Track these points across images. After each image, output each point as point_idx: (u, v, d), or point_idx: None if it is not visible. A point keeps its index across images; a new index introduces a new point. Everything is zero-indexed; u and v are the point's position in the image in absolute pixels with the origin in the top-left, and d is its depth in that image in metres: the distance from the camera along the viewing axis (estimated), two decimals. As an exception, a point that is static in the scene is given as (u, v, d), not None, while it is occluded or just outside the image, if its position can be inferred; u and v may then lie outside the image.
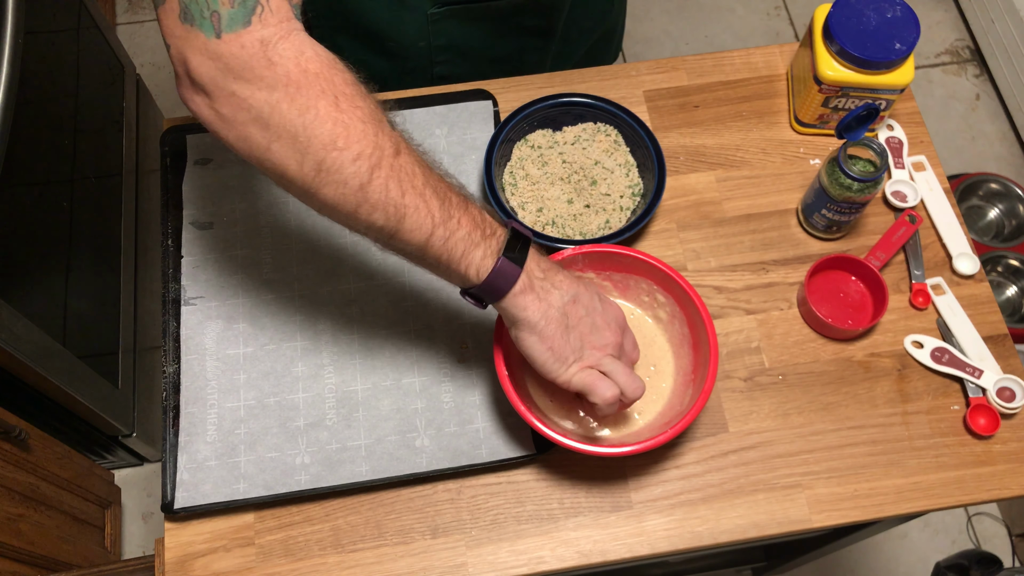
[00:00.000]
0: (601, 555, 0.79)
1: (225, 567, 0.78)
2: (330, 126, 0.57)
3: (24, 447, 1.26)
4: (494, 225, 0.66)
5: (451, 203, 0.63)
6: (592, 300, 0.70)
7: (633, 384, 0.71)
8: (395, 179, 0.60)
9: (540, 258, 0.68)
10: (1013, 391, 0.85)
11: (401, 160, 0.60)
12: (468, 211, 0.64)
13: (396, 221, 0.61)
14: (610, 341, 0.71)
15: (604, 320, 0.71)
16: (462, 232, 0.63)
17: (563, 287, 0.68)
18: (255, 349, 0.85)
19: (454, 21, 0.96)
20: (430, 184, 0.62)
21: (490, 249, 0.65)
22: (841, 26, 0.88)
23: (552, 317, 0.67)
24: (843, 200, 0.86)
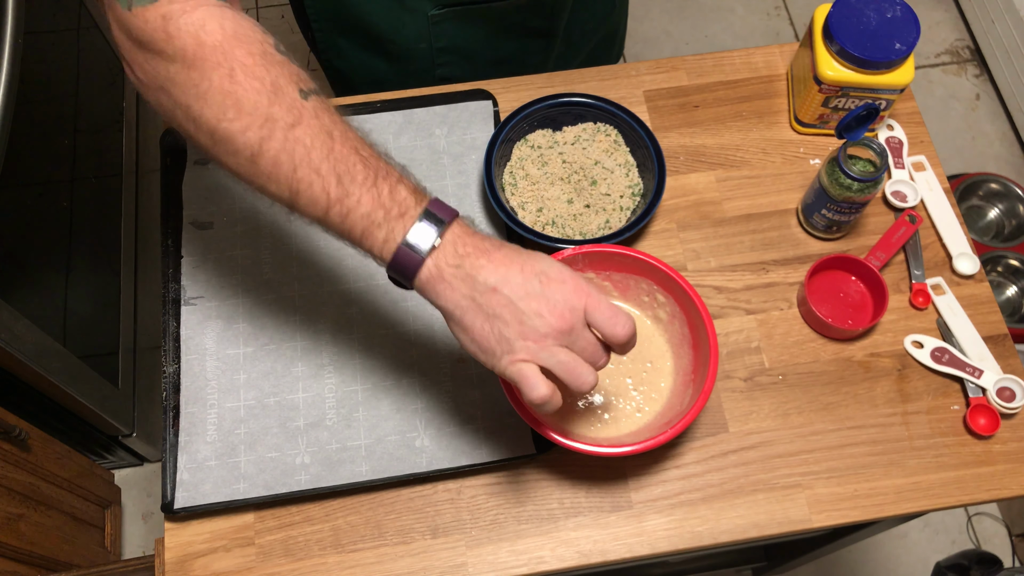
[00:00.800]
0: (601, 555, 0.79)
1: (225, 567, 0.78)
2: (220, 97, 0.58)
3: (24, 447, 1.26)
4: (405, 204, 0.61)
5: (353, 179, 0.60)
6: (526, 283, 0.62)
7: (579, 376, 0.63)
8: (287, 152, 0.59)
9: (465, 240, 0.62)
10: (1013, 391, 0.85)
11: (297, 132, 0.59)
12: (374, 188, 0.61)
13: (290, 194, 0.61)
14: (553, 328, 0.62)
15: (545, 305, 0.61)
16: (361, 210, 0.60)
17: (482, 274, 0.61)
18: (255, 349, 0.85)
19: (455, 23, 0.96)
20: (331, 158, 0.60)
21: (393, 232, 0.61)
22: (841, 26, 0.88)
23: (466, 307, 0.62)
24: (843, 200, 0.86)
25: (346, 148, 0.61)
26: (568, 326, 0.62)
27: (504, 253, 0.63)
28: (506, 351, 0.62)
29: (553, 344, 0.62)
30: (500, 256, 0.62)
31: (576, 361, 0.63)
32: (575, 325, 0.63)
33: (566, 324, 0.62)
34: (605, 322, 0.63)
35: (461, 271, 0.61)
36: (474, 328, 0.62)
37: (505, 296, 0.61)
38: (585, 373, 0.63)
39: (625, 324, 0.63)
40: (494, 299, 0.61)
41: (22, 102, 1.14)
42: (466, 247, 0.62)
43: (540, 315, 0.62)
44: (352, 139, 0.62)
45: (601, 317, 0.63)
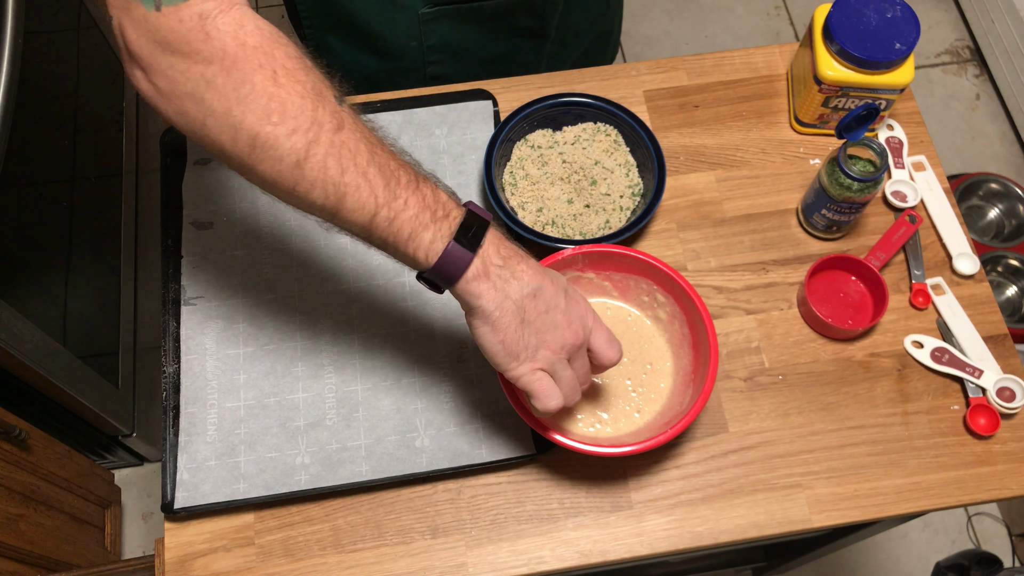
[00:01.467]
0: (601, 555, 0.79)
1: (225, 567, 0.78)
2: (264, 100, 0.55)
3: (24, 447, 1.26)
4: (448, 206, 0.62)
5: (399, 182, 0.60)
6: (556, 296, 0.65)
7: (574, 392, 0.67)
8: (335, 156, 0.58)
9: (503, 244, 0.64)
10: (1013, 391, 0.85)
11: (343, 136, 0.58)
12: (418, 191, 0.61)
13: (336, 200, 0.59)
14: (568, 343, 0.66)
15: (566, 319, 0.65)
16: (409, 213, 0.60)
17: (524, 278, 0.63)
18: (255, 349, 0.85)
19: (446, 21, 0.96)
20: (375, 162, 0.59)
21: (440, 232, 0.61)
22: (841, 26, 0.88)
23: (507, 308, 0.63)
24: (843, 200, 0.86)
25: (386, 152, 0.61)
26: (580, 343, 0.66)
27: (534, 263, 0.66)
28: (528, 357, 0.65)
29: (564, 358, 0.66)
30: (533, 264, 0.65)
31: (574, 380, 0.67)
32: (583, 344, 0.67)
33: (579, 341, 0.66)
34: (605, 344, 0.68)
35: (505, 271, 0.63)
36: (508, 330, 0.63)
37: (541, 304, 0.64)
38: (578, 391, 0.68)
39: (619, 350, 0.69)
40: (532, 304, 0.64)
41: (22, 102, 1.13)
42: (507, 250, 0.64)
43: (561, 327, 0.65)
44: (387, 144, 0.62)
45: (603, 339, 0.68)
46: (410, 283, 0.88)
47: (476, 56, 1.02)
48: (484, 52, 1.02)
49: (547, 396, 0.65)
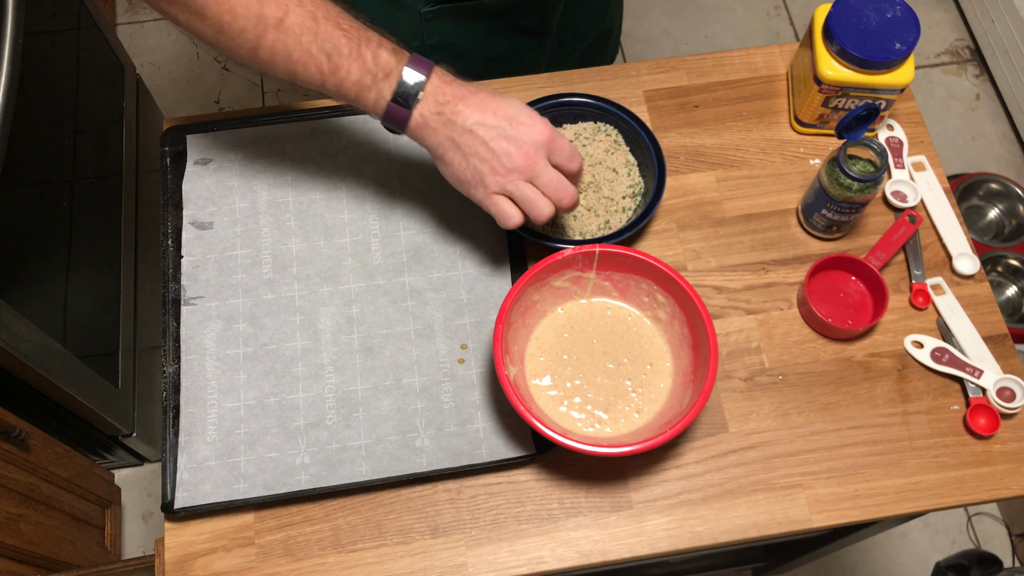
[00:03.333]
0: (601, 555, 0.79)
1: (225, 567, 0.78)
2: (216, 8, 0.69)
3: (24, 447, 1.26)
4: (388, 66, 0.72)
5: (340, 54, 0.71)
6: (498, 126, 0.73)
7: (537, 208, 0.75)
8: (280, 43, 0.70)
9: (444, 89, 0.73)
10: (1013, 391, 0.85)
11: (287, 23, 0.70)
12: (360, 57, 0.71)
13: (289, 75, 0.72)
14: (517, 164, 0.74)
15: (512, 144, 0.73)
16: (352, 79, 0.72)
17: (460, 118, 0.73)
18: (255, 349, 0.85)
19: (447, 20, 0.96)
20: (318, 40, 0.71)
21: (381, 94, 0.72)
22: (841, 26, 0.88)
23: (447, 147, 0.74)
24: (843, 200, 0.86)
25: (329, 26, 0.71)
26: (532, 162, 0.74)
27: (479, 98, 0.74)
28: (479, 183, 0.75)
29: (519, 179, 0.75)
30: (476, 101, 0.74)
31: (536, 195, 0.75)
32: (538, 162, 0.75)
33: (530, 161, 0.74)
34: (564, 159, 0.76)
35: (442, 117, 0.73)
36: (453, 163, 0.75)
37: (479, 136, 0.73)
38: (543, 205, 0.76)
39: (579, 159, 0.78)
40: (470, 139, 0.73)
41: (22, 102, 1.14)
42: (445, 95, 0.73)
43: (508, 153, 0.74)
44: (334, 16, 0.72)
45: (562, 155, 0.76)
46: (410, 283, 0.88)
47: (477, 55, 1.02)
48: (485, 51, 1.02)
49: (504, 215, 0.76)
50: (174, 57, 2.18)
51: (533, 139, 0.74)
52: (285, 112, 0.96)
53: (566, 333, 0.84)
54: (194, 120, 0.96)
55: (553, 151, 0.76)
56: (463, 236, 0.90)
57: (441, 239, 0.90)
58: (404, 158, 0.94)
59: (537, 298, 0.83)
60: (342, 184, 0.93)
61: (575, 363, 0.83)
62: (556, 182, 0.76)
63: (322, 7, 0.72)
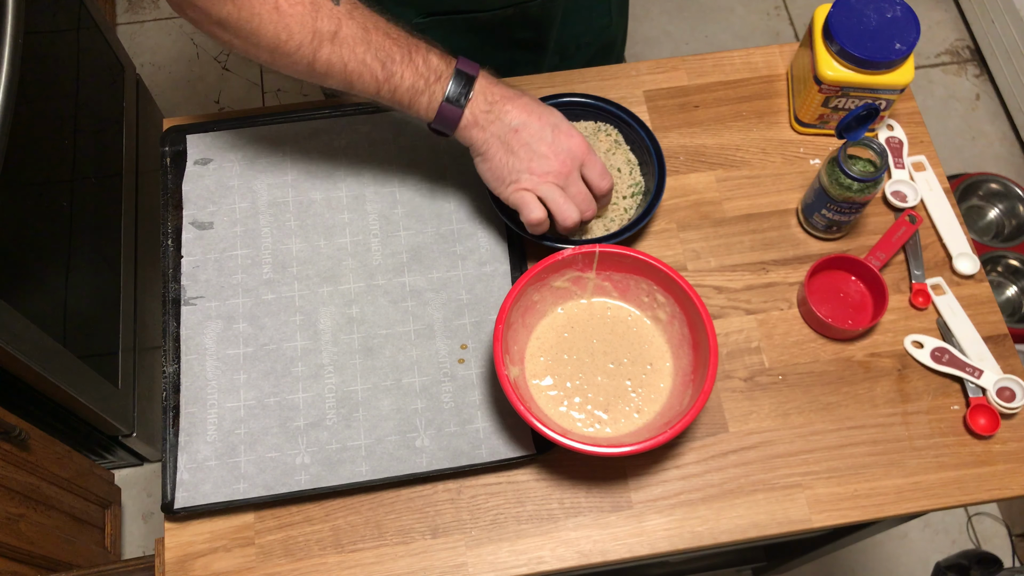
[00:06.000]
0: (601, 555, 0.79)
1: (225, 567, 0.78)
2: (272, 28, 0.71)
3: (24, 447, 1.26)
4: (439, 69, 0.75)
5: (394, 61, 0.74)
6: (541, 130, 0.77)
7: (565, 212, 0.79)
8: (336, 54, 0.73)
9: (491, 89, 0.77)
10: (1013, 391, 0.85)
11: (342, 36, 0.72)
12: (411, 63, 0.75)
13: (346, 84, 0.75)
14: (553, 169, 0.78)
15: (552, 150, 0.78)
16: (406, 84, 0.75)
17: (508, 117, 0.77)
18: (255, 349, 0.85)
19: (439, 31, 0.95)
20: (372, 49, 0.73)
21: (433, 95, 0.75)
22: (841, 26, 0.88)
23: (492, 144, 0.77)
24: (843, 200, 0.86)
25: (380, 35, 0.74)
26: (567, 170, 0.79)
27: (524, 101, 0.78)
28: (513, 180, 0.78)
29: (552, 182, 0.79)
30: (522, 103, 0.78)
31: (566, 200, 0.79)
32: (572, 172, 0.79)
33: (565, 168, 0.79)
34: (596, 176, 0.81)
35: (491, 115, 0.77)
36: (495, 159, 0.78)
37: (524, 137, 0.77)
38: (570, 211, 0.79)
39: (610, 180, 0.82)
40: (515, 138, 0.77)
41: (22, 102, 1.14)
42: (494, 95, 0.77)
43: (546, 157, 0.78)
44: (383, 26, 0.75)
45: (594, 172, 0.81)
46: (410, 283, 0.88)
47: None
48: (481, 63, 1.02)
49: (528, 208, 0.79)
50: (174, 57, 2.18)
51: (571, 149, 0.79)
52: (285, 112, 0.96)
53: (566, 333, 0.84)
54: (194, 120, 0.96)
55: (587, 165, 0.80)
56: (463, 236, 0.90)
57: (441, 239, 0.90)
58: (404, 158, 0.94)
59: (537, 298, 0.83)
60: (342, 184, 0.93)
61: (575, 363, 0.83)
62: (584, 195, 0.80)
63: (371, 18, 0.74)
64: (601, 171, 0.81)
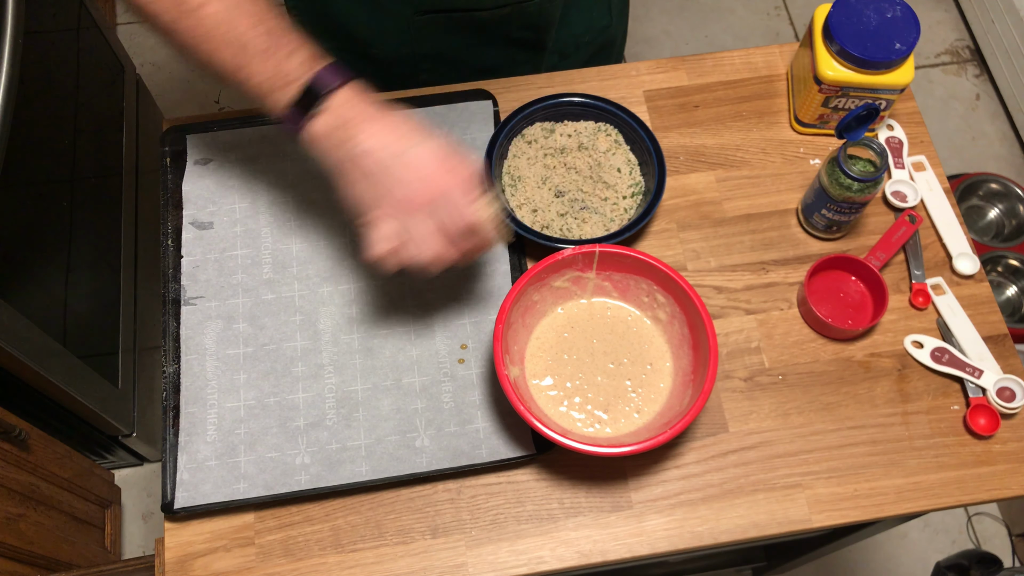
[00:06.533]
0: (601, 555, 0.79)
1: (225, 567, 0.78)
2: None
3: (24, 447, 1.26)
4: (295, 74, 0.69)
5: (249, 52, 0.68)
6: (399, 155, 0.68)
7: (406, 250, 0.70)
8: (193, 30, 0.68)
9: (350, 107, 0.69)
10: (1013, 391, 0.85)
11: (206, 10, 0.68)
12: (266, 62, 0.69)
13: (201, 64, 0.70)
14: (403, 204, 0.69)
15: (405, 178, 0.68)
16: (255, 80, 0.69)
17: (360, 138, 0.69)
18: (255, 349, 0.85)
19: (437, 29, 0.95)
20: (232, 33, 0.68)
21: (279, 101, 0.70)
22: (841, 26, 0.88)
23: (344, 167, 0.70)
24: (843, 200, 0.86)
25: (247, 21, 0.68)
26: (423, 202, 0.69)
27: (386, 123, 0.69)
28: (363, 211, 0.71)
29: (408, 214, 0.69)
30: (381, 125, 0.69)
31: (424, 235, 0.70)
32: (432, 203, 0.69)
33: (421, 201, 0.69)
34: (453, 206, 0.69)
35: (340, 134, 0.69)
36: (348, 184, 0.71)
37: (374, 162, 0.69)
38: (425, 248, 0.70)
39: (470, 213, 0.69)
40: (365, 162, 0.69)
41: (22, 102, 1.14)
42: (350, 112, 0.69)
43: (400, 187, 0.69)
44: (258, 12, 0.69)
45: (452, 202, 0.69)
46: (410, 283, 0.88)
47: (470, 65, 1.01)
48: (479, 62, 1.01)
49: (369, 242, 0.71)
50: (174, 57, 2.18)
51: (425, 182, 0.69)
52: (285, 112, 0.96)
53: (566, 333, 0.84)
54: (194, 120, 0.96)
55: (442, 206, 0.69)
56: (463, 236, 0.90)
57: (441, 239, 0.90)
58: (404, 158, 0.94)
59: (537, 298, 0.83)
60: (342, 184, 0.93)
61: (575, 363, 0.83)
62: (443, 231, 0.70)
63: (251, 6, 0.69)
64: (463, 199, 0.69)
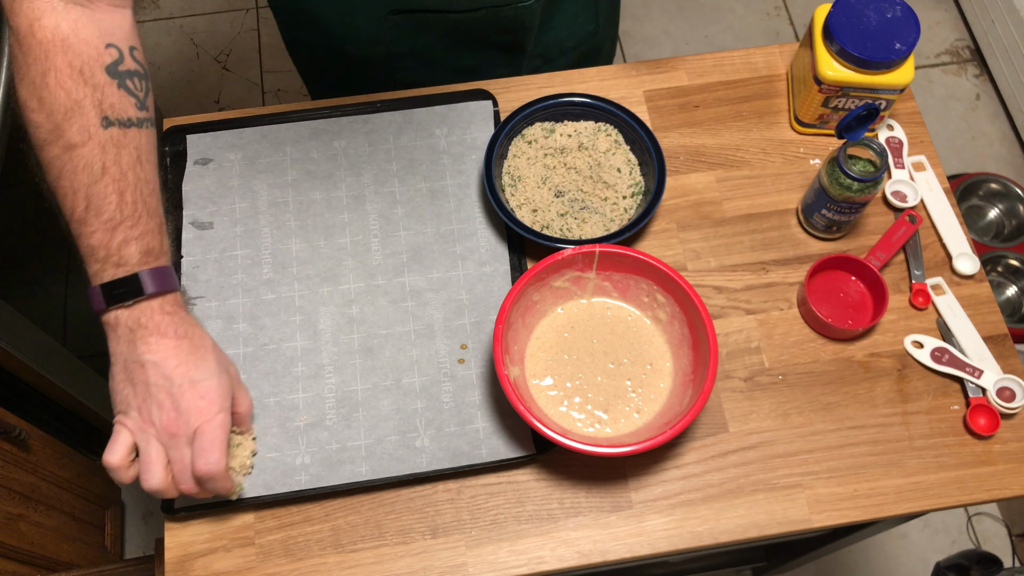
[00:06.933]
0: (601, 555, 0.79)
1: (225, 567, 0.78)
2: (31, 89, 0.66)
3: (24, 447, 1.26)
4: (125, 260, 0.68)
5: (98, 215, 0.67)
6: (168, 381, 0.68)
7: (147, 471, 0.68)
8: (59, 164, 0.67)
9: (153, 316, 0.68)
10: (1013, 391, 0.85)
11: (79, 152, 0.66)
12: (112, 232, 0.67)
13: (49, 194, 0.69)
14: (160, 424, 0.68)
15: (167, 406, 0.68)
16: (89, 242, 0.68)
17: (142, 347, 0.68)
18: (255, 349, 0.85)
19: (411, 28, 0.94)
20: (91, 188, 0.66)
21: (99, 274, 0.68)
22: (841, 26, 0.88)
23: (117, 362, 0.69)
24: (843, 200, 0.86)
25: (110, 187, 0.67)
26: (172, 432, 0.68)
27: (176, 345, 0.69)
28: (122, 410, 0.69)
29: (155, 435, 0.69)
30: (169, 345, 0.68)
31: (158, 462, 0.68)
32: (178, 437, 0.69)
33: (172, 430, 0.68)
34: (197, 450, 0.69)
35: (129, 335, 0.68)
36: (114, 380, 0.70)
37: (147, 376, 0.68)
38: (153, 476, 0.68)
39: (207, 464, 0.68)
40: (138, 371, 0.68)
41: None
42: (150, 321, 0.68)
43: (160, 406, 0.68)
44: (127, 181, 0.67)
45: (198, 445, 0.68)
46: (410, 283, 0.88)
47: (447, 65, 1.00)
48: (455, 62, 1.00)
49: (111, 446, 0.69)
50: (174, 57, 2.18)
51: (188, 412, 0.68)
52: (285, 112, 0.96)
53: (566, 333, 0.84)
54: (194, 120, 0.96)
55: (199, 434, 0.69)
56: (463, 236, 0.90)
57: (441, 239, 0.90)
58: (404, 158, 0.94)
59: (537, 298, 0.83)
60: (342, 184, 0.93)
61: (575, 363, 0.83)
62: (183, 464, 0.69)
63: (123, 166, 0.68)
64: (208, 447, 0.68)
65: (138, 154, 0.69)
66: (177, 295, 0.71)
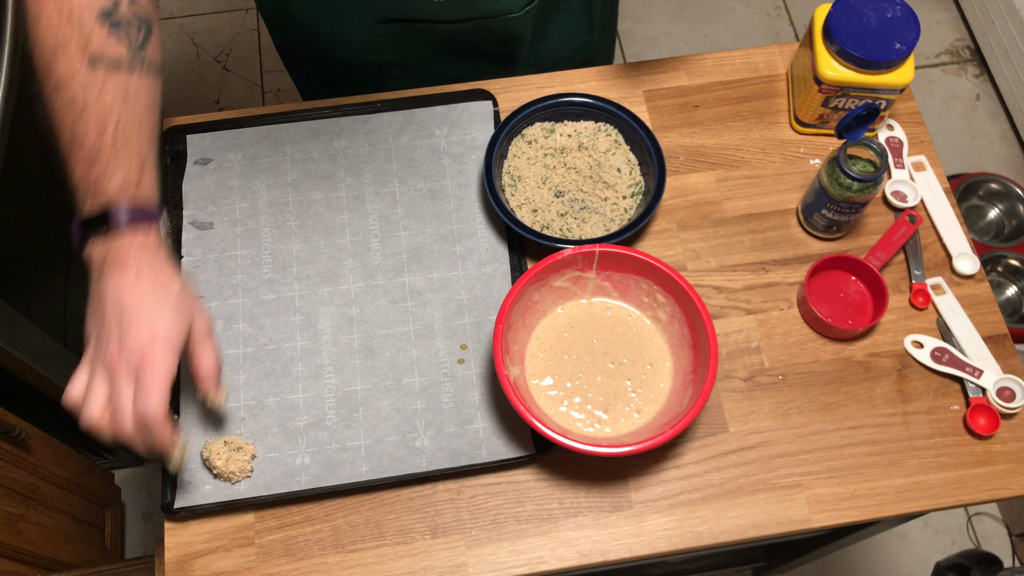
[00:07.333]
0: (601, 555, 0.79)
1: (225, 567, 0.78)
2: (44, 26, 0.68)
3: (24, 447, 1.26)
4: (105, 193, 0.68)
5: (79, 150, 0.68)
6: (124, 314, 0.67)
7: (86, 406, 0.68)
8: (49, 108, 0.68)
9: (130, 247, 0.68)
10: (1013, 391, 0.85)
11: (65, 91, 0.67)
12: (92, 167, 0.68)
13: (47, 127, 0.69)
14: (107, 357, 0.68)
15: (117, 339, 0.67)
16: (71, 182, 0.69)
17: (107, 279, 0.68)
18: (255, 349, 0.85)
19: (400, 37, 0.94)
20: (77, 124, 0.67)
21: (80, 212, 0.69)
22: (841, 26, 0.88)
23: (92, 294, 0.70)
24: (843, 200, 0.86)
25: (90, 124, 0.67)
26: (114, 366, 0.68)
27: (135, 279, 0.68)
28: (88, 343, 0.70)
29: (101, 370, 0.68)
30: (130, 278, 0.68)
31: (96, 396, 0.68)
32: (119, 372, 0.67)
33: (113, 363, 0.68)
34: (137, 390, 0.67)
35: (99, 269, 0.69)
36: (88, 311, 0.70)
37: (104, 308, 0.68)
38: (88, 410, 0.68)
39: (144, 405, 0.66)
40: (98, 304, 0.69)
41: (22, 102, 1.14)
42: (118, 254, 0.68)
43: (106, 342, 0.68)
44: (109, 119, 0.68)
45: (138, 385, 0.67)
46: (410, 283, 0.88)
47: (438, 74, 1.00)
48: (446, 71, 1.00)
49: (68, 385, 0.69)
50: (174, 57, 2.18)
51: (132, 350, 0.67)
52: (285, 112, 0.96)
53: (566, 333, 0.84)
54: (194, 120, 0.96)
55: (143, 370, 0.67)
56: (463, 236, 0.90)
57: (441, 239, 0.90)
58: (404, 158, 0.94)
59: (537, 298, 0.83)
60: (342, 184, 0.93)
61: (575, 363, 0.83)
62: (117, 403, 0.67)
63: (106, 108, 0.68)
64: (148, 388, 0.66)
65: (124, 93, 0.69)
66: (155, 230, 0.70)
